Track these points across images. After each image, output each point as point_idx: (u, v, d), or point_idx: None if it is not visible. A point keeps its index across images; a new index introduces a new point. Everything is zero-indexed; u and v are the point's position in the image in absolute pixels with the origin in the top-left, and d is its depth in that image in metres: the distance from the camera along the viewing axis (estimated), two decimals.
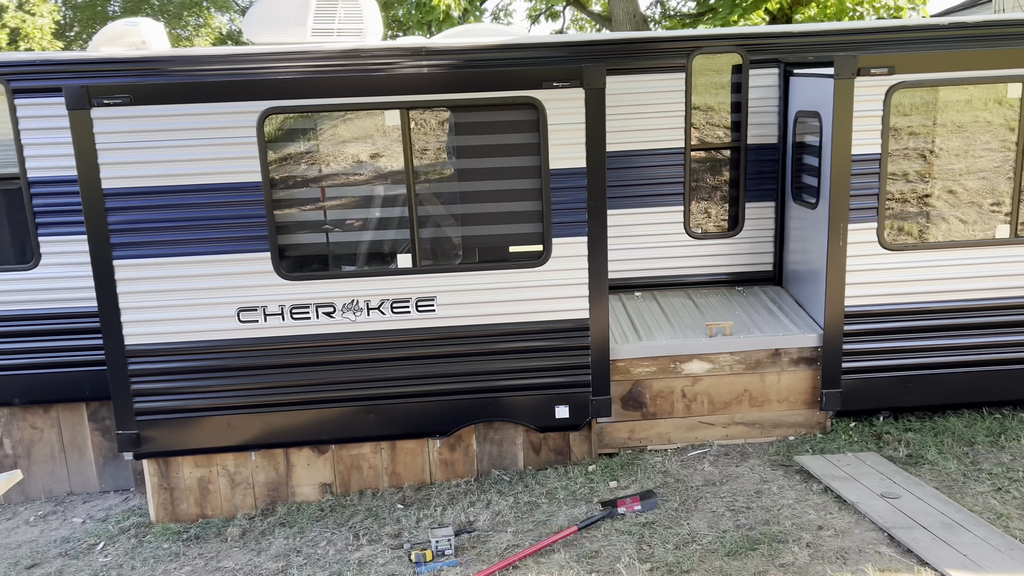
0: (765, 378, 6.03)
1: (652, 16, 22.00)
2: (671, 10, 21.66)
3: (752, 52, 6.54)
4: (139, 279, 5.52)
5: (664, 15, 22.04)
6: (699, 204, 6.96)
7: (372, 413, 5.82)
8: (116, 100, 5.29)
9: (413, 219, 5.58)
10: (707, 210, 6.99)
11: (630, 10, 16.28)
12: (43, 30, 15.28)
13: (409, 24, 16.80)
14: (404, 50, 6.45)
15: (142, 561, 5.34)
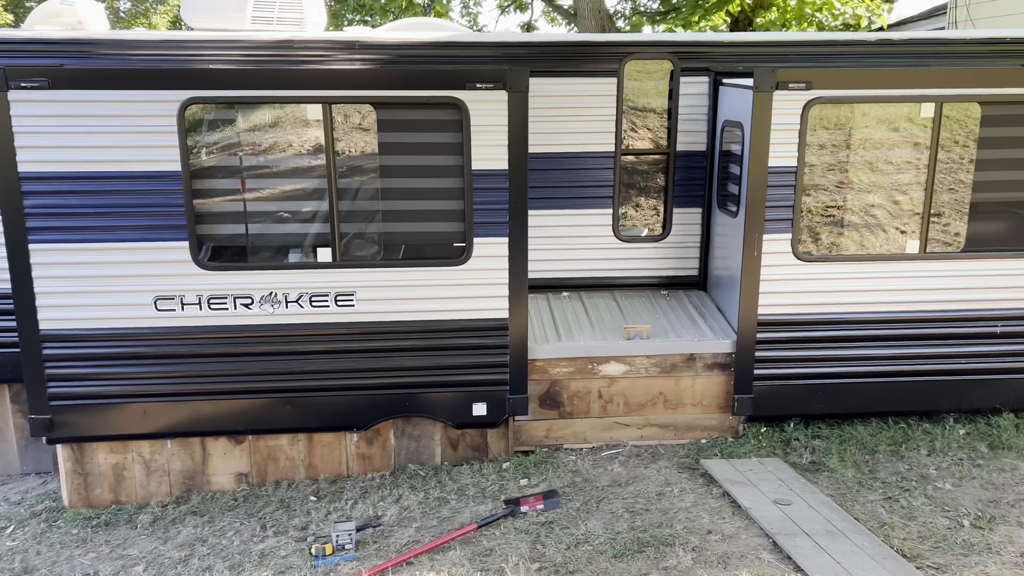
0: (680, 381, 6.15)
1: (622, 12, 22.07)
2: (640, 6, 21.72)
3: (683, 60, 6.62)
4: (55, 264, 5.49)
5: (634, 11, 22.10)
6: (628, 208, 7.05)
7: (289, 405, 5.85)
8: (34, 83, 5.24)
9: (334, 213, 5.60)
10: (636, 214, 7.08)
11: (595, 6, 16.30)
12: None
13: (374, 9, 16.71)
14: (337, 43, 6.43)
15: (48, 546, 5.35)
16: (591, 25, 16.26)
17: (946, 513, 4.87)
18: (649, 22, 20.13)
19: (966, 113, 5.80)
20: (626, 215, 7.11)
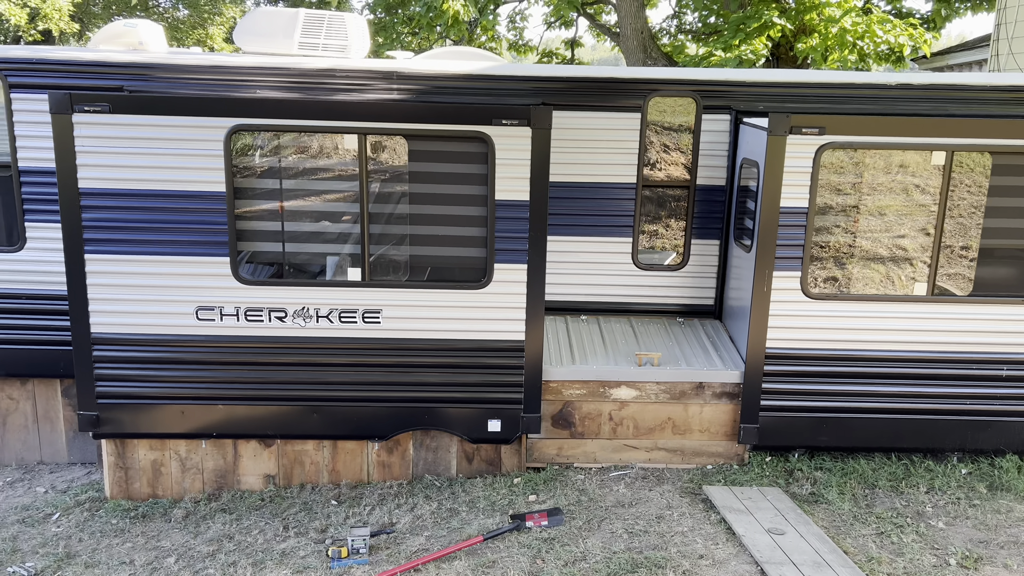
0: (688, 408, 6.39)
1: (667, 29, 22.22)
2: (685, 24, 21.86)
3: (706, 98, 6.87)
4: (107, 273, 5.95)
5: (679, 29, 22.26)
6: (647, 237, 7.31)
7: (316, 413, 6.23)
8: (96, 107, 5.71)
9: (365, 236, 5.97)
10: (655, 244, 7.34)
11: (638, 26, 16.56)
12: (61, 11, 15.81)
13: (420, 25, 17.16)
14: (377, 73, 6.83)
15: (89, 534, 5.79)
16: (634, 45, 16.52)
17: (935, 551, 5.04)
18: (694, 41, 20.29)
19: (977, 160, 5.95)
20: (645, 244, 7.35)
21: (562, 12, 19.79)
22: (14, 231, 7.06)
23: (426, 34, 17.52)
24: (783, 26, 13.93)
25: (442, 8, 15.71)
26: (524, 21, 22.84)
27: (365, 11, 19.92)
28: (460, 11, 15.73)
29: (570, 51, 21.53)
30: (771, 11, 14.02)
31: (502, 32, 21.67)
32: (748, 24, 14.37)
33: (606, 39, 22.74)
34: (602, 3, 20.14)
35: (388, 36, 18.43)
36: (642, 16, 16.40)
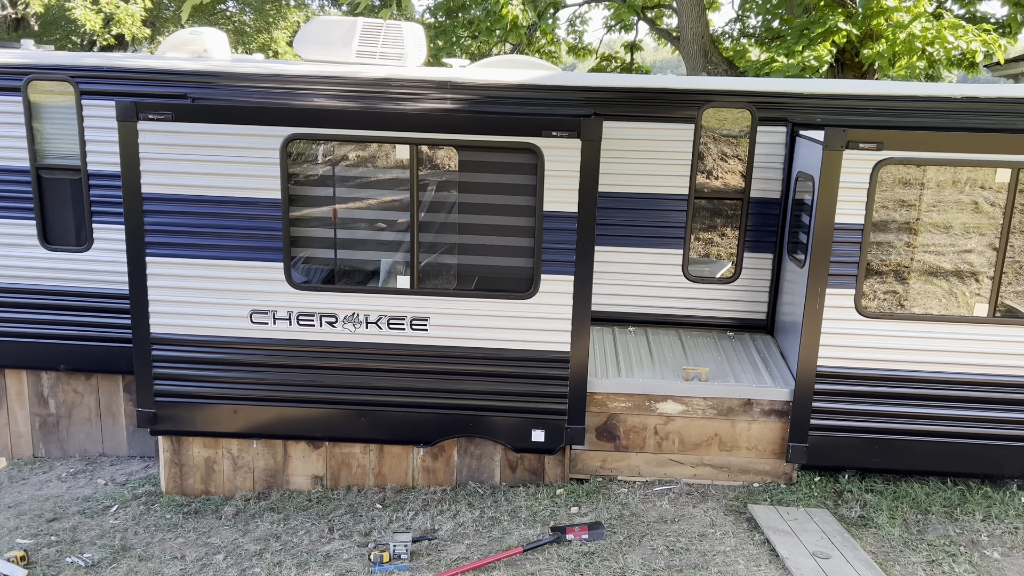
0: (736, 425, 6.30)
1: (729, 32, 21.89)
2: (748, 29, 21.51)
3: (762, 109, 6.76)
4: (167, 275, 6.15)
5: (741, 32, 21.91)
6: (699, 249, 7.23)
7: (364, 417, 6.34)
8: (159, 116, 5.91)
9: (414, 244, 6.05)
10: (706, 256, 7.25)
11: (698, 31, 16.36)
12: (134, 17, 16.40)
13: (480, 29, 17.27)
14: (431, 82, 6.91)
15: (144, 528, 6.01)
16: (694, 50, 16.33)
17: None
18: (756, 46, 19.95)
19: None
20: (696, 256, 7.27)
21: (622, 16, 19.69)
22: (82, 232, 7.36)
23: (485, 38, 17.61)
24: (848, 31, 13.59)
25: (501, 13, 15.79)
26: (584, 24, 22.74)
27: (426, 15, 20.14)
28: (519, 16, 15.78)
29: (629, 55, 21.38)
30: (836, 16, 13.70)
31: (561, 35, 21.66)
32: (812, 29, 14.07)
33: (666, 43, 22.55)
34: (663, 7, 19.95)
35: (447, 40, 18.59)
36: (703, 20, 16.20)
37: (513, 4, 15.89)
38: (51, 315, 7.43)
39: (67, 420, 7.80)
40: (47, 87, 7.14)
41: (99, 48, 18.96)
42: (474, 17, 17.65)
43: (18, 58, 7.17)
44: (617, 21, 20.64)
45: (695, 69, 16.14)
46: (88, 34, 18.11)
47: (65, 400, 7.75)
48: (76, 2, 16.50)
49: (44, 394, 7.76)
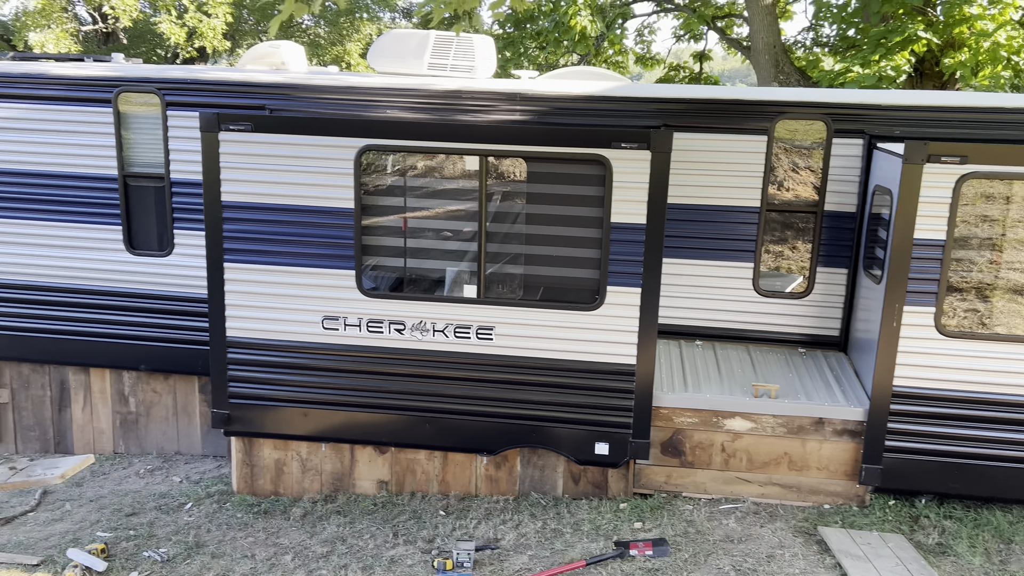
0: (806, 444, 6.14)
1: (802, 42, 21.47)
2: (822, 38, 21.05)
3: (837, 121, 6.60)
4: (244, 281, 6.35)
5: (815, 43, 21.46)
6: (770, 263, 7.09)
7: (429, 424, 6.40)
8: (239, 127, 6.12)
9: (482, 254, 6.10)
10: (777, 269, 7.10)
11: (770, 40, 16.09)
12: (215, 30, 17.03)
13: (547, 40, 17.34)
14: (501, 94, 6.97)
15: (217, 525, 6.19)
16: (765, 59, 16.06)
17: None
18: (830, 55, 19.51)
19: None
20: (767, 270, 7.14)
21: (691, 26, 19.51)
22: (164, 237, 7.66)
23: (552, 49, 17.66)
24: (929, 40, 13.18)
25: (570, 24, 15.83)
26: (652, 34, 22.59)
27: (494, 26, 20.33)
28: (587, 26, 15.80)
29: (698, 64, 21.16)
30: (916, 24, 13.29)
31: (629, 45, 21.56)
32: (890, 38, 13.67)
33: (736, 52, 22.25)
34: (733, 16, 19.69)
35: (515, 51, 18.72)
36: (775, 29, 15.93)
37: (582, 15, 15.93)
38: (134, 317, 7.74)
39: (146, 418, 8.10)
40: (135, 98, 7.47)
41: (181, 60, 19.74)
42: (542, 28, 17.74)
43: (109, 71, 7.52)
44: (686, 31, 20.48)
45: (766, 79, 15.88)
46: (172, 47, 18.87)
47: (144, 399, 8.05)
48: (162, 17, 17.22)
49: (125, 393, 8.08)
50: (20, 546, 6.03)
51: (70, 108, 7.51)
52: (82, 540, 6.02)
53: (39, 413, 8.26)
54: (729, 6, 19.86)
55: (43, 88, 7.52)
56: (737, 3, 19.64)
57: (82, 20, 20.14)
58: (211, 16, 17.28)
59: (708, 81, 20.65)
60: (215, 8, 17.18)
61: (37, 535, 6.26)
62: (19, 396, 8.27)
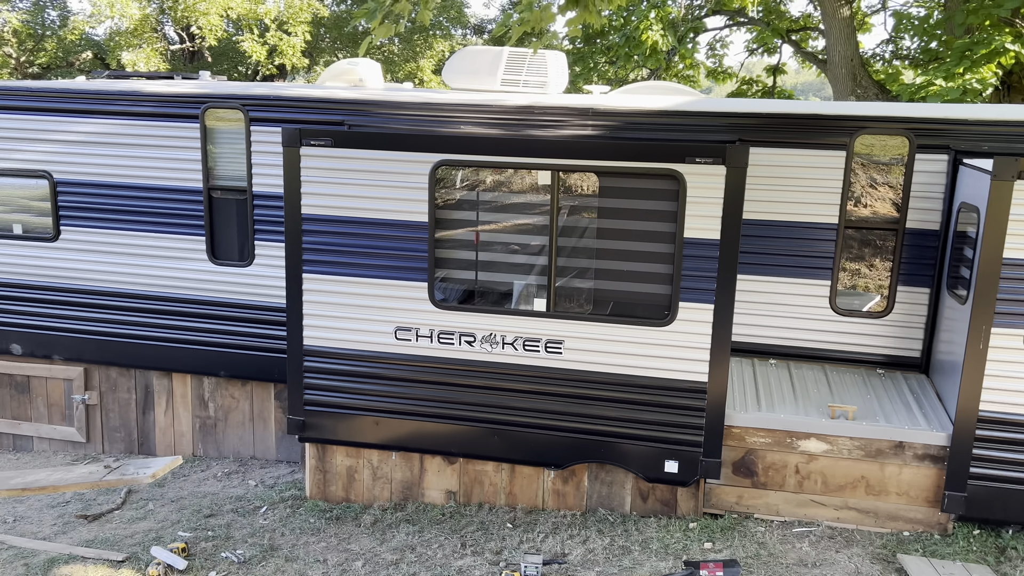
0: (885, 468, 5.95)
1: (880, 55, 20.92)
2: (902, 50, 20.48)
3: (921, 136, 6.42)
4: (321, 291, 6.52)
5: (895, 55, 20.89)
6: (848, 281, 6.92)
7: (497, 436, 6.44)
8: (320, 142, 6.31)
9: (552, 268, 6.13)
10: (854, 288, 6.92)
11: (848, 53, 15.74)
12: (295, 48, 17.61)
13: (618, 55, 17.33)
14: (572, 109, 7.01)
15: (290, 530, 6.35)
16: (842, 73, 15.71)
17: None
18: (911, 68, 18.96)
19: None
20: (844, 288, 6.96)
21: (765, 39, 19.24)
22: (245, 248, 7.93)
23: (623, 63, 17.64)
24: (1017, 53, 12.69)
25: (641, 39, 15.80)
26: (724, 48, 22.31)
27: (564, 40, 20.43)
28: (659, 41, 15.74)
29: (772, 78, 20.82)
30: (1003, 36, 12.82)
31: (700, 59, 21.38)
32: (975, 51, 13.22)
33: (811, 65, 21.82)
34: (809, 29, 19.33)
35: (586, 66, 18.76)
36: (853, 42, 15.57)
37: (653, 30, 15.88)
38: (215, 324, 8.03)
39: (223, 423, 8.38)
40: (221, 114, 7.77)
41: (261, 77, 20.44)
42: (612, 43, 17.75)
43: (198, 88, 7.86)
44: (760, 44, 20.19)
45: (843, 93, 15.53)
46: (253, 64, 19.56)
47: (223, 404, 8.33)
48: (245, 35, 17.88)
49: (205, 398, 8.37)
50: (106, 543, 6.30)
51: (161, 124, 7.87)
52: (164, 539, 6.26)
53: (125, 415, 8.63)
54: (804, 19, 19.52)
55: (136, 105, 7.90)
56: (813, 16, 19.29)
57: (170, 40, 21.08)
58: (291, 35, 17.88)
59: (782, 95, 20.31)
60: (295, 27, 17.77)
61: (122, 532, 6.53)
62: (107, 398, 8.66)
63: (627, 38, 16.16)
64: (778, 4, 19.32)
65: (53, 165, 8.17)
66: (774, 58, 20.60)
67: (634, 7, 16.91)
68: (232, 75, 21.36)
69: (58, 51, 20.48)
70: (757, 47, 20.93)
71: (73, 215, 8.22)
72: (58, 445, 8.84)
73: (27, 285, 8.44)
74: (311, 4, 18.87)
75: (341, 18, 20.90)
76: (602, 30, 18.62)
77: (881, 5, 19.54)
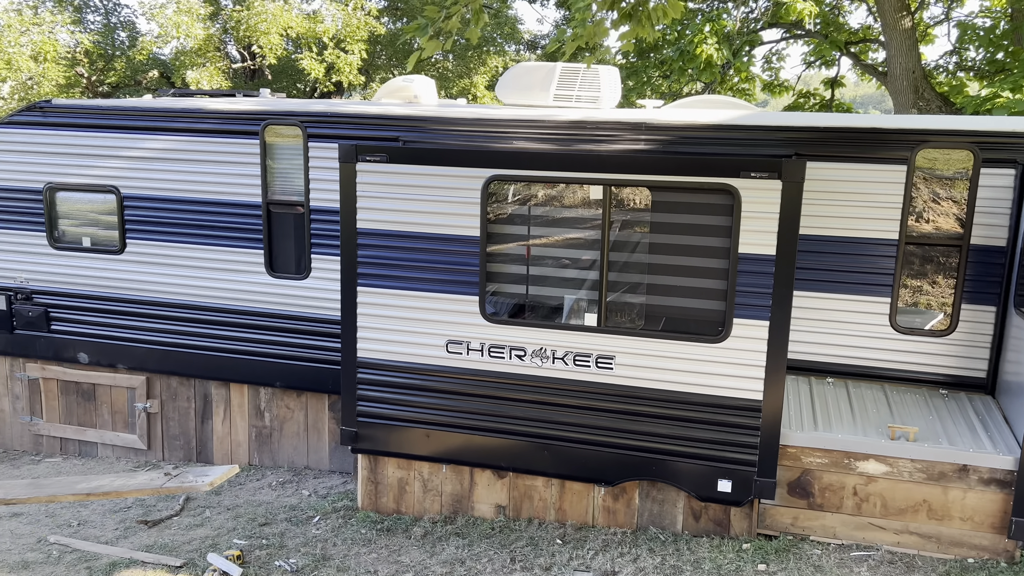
0: (948, 492, 5.76)
1: (944, 66, 20.40)
2: (966, 62, 19.93)
3: (986, 150, 6.24)
4: (374, 304, 6.61)
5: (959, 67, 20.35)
6: (909, 298, 6.73)
7: (547, 451, 6.43)
8: (376, 158, 6.42)
9: (603, 283, 6.11)
10: (915, 305, 6.73)
11: (909, 65, 15.38)
12: (352, 66, 17.97)
13: (672, 69, 17.25)
14: (625, 124, 7.00)
15: (342, 540, 6.42)
16: (903, 85, 15.36)
17: None
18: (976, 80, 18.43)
19: None
20: (905, 305, 6.78)
21: (823, 52, 18.93)
22: (302, 261, 8.09)
23: (676, 77, 17.54)
24: None
25: (695, 52, 15.70)
26: (780, 61, 22.04)
27: (617, 55, 20.41)
28: (713, 55, 15.61)
29: (830, 91, 20.45)
30: None
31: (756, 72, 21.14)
32: None
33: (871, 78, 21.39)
34: (869, 41, 18.96)
35: (639, 80, 18.71)
36: (915, 54, 15.22)
37: (708, 43, 15.76)
38: (271, 336, 8.21)
39: (279, 433, 8.53)
40: (280, 131, 7.97)
41: (318, 94, 20.89)
42: (666, 57, 17.67)
43: (258, 105, 8.08)
44: (818, 57, 19.86)
45: (904, 105, 15.16)
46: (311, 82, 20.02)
47: (278, 414, 8.49)
48: (304, 54, 18.33)
49: (261, 408, 8.54)
50: (165, 548, 6.46)
51: (223, 140, 8.10)
52: (220, 546, 6.39)
53: (184, 424, 8.86)
54: (864, 31, 19.16)
55: (200, 122, 8.16)
56: (873, 28, 18.92)
57: (232, 58, 21.72)
58: (348, 52, 18.26)
59: (840, 108, 19.94)
60: (352, 45, 18.15)
61: (180, 539, 6.69)
62: (167, 407, 8.90)
63: (681, 52, 16.07)
64: (837, 16, 19.01)
65: (121, 180, 8.47)
66: (832, 70, 20.24)
67: (688, 21, 16.83)
68: (291, 92, 21.90)
69: (127, 70, 21.28)
70: (815, 60, 20.60)
71: (138, 228, 8.50)
72: (120, 451, 9.12)
73: (94, 296, 8.75)
74: (368, 22, 19.26)
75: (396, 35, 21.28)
76: (655, 44, 18.57)
77: (945, 16, 19.07)
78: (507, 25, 22.12)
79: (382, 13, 21.64)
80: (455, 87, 22.07)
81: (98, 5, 21.60)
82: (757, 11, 19.63)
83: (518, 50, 24.38)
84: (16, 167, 8.81)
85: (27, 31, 17.70)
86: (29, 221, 8.85)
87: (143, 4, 19.37)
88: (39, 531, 7.03)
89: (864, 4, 19.07)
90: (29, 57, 17.32)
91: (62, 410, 9.25)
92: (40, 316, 8.96)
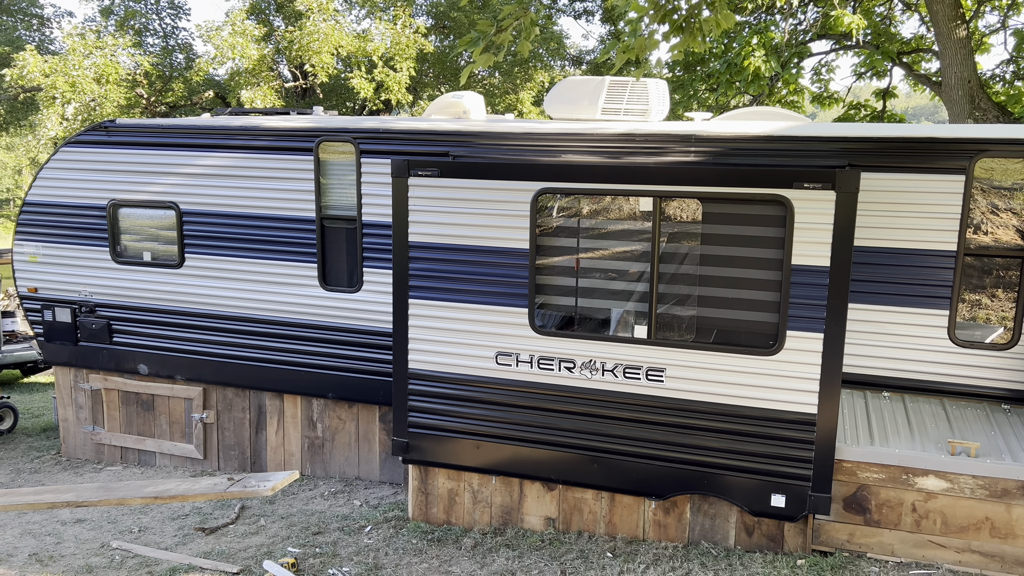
0: (1012, 510, 5.59)
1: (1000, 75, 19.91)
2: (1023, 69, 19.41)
3: None
4: (425, 316, 6.70)
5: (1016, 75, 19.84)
6: (968, 311, 6.58)
7: (596, 463, 6.42)
8: (427, 172, 6.53)
9: (653, 295, 6.10)
10: (975, 319, 6.58)
11: (964, 75, 15.06)
12: (400, 84, 18.28)
13: (719, 82, 17.16)
14: (674, 136, 7.00)
15: (393, 550, 6.48)
16: (958, 95, 15.04)
17: None
18: None
19: None
20: (964, 319, 6.62)
21: (875, 63, 18.64)
22: (354, 275, 8.24)
23: (724, 90, 17.44)
24: None
25: (743, 65, 15.60)
26: (830, 73, 21.72)
27: (664, 69, 20.37)
28: (761, 67, 15.50)
29: (881, 102, 20.10)
30: None
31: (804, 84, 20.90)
32: None
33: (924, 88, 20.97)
34: (921, 51, 18.62)
35: (685, 93, 18.65)
36: (970, 63, 14.90)
37: (755, 56, 15.66)
38: (324, 348, 8.36)
39: (331, 443, 8.66)
40: (333, 147, 8.15)
41: (368, 111, 21.27)
42: (713, 70, 17.59)
43: (311, 123, 8.28)
44: (869, 68, 19.56)
45: (959, 116, 14.84)
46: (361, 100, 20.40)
47: (330, 425, 8.62)
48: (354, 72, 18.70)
49: (313, 418, 8.69)
50: (222, 555, 6.61)
51: (277, 156, 8.32)
52: (275, 554, 6.51)
53: (239, 434, 9.05)
54: (916, 40, 18.83)
55: (255, 139, 8.39)
56: (926, 37, 18.59)
57: (284, 78, 22.25)
58: (397, 71, 18.59)
59: (892, 119, 19.58)
60: (401, 63, 18.47)
61: (236, 546, 6.83)
62: (223, 417, 9.11)
63: (729, 64, 15.99)
64: (888, 26, 18.73)
65: (179, 196, 8.75)
66: (883, 81, 19.91)
67: (735, 34, 16.75)
68: (341, 111, 22.32)
69: (184, 91, 21.96)
70: (865, 71, 20.29)
71: (196, 243, 8.76)
72: (178, 461, 9.35)
73: (154, 309, 9.03)
74: (417, 40, 19.57)
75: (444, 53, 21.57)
76: (703, 57, 18.50)
77: (1001, 24, 18.64)
78: (553, 40, 22.28)
79: (430, 31, 22.00)
80: (501, 103, 22.26)
81: (157, 29, 22.37)
82: (806, 23, 19.42)
83: (563, 65, 24.51)
84: (82, 184, 9.16)
85: (90, 54, 18.40)
86: (93, 237, 9.19)
87: (200, 27, 19.95)
88: (102, 536, 7.24)
89: (916, 13, 18.76)
90: (92, 79, 18.00)
91: (123, 420, 9.54)
92: (103, 328, 9.27)
